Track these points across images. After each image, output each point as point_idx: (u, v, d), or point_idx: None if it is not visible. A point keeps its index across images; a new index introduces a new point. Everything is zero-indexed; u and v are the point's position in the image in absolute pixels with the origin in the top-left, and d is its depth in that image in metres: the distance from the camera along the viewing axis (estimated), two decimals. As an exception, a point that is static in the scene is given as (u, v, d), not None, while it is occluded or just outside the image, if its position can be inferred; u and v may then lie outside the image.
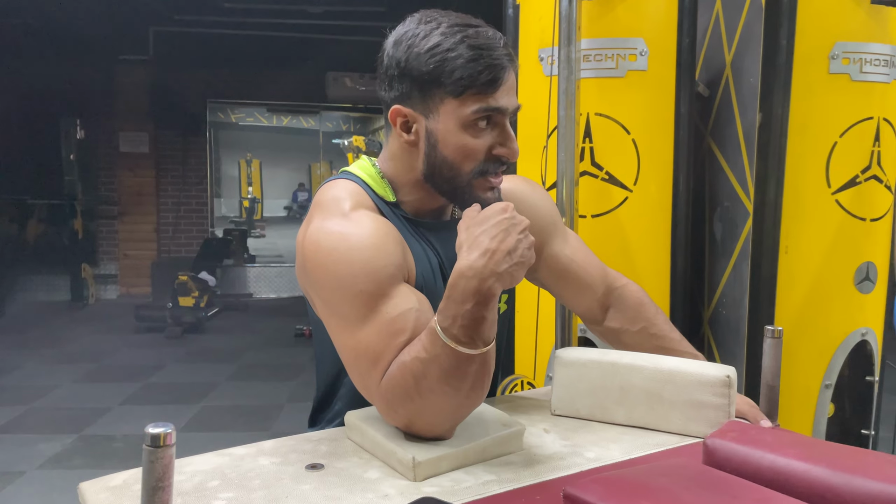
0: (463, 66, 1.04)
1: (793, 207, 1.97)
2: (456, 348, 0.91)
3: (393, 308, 0.99)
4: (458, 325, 0.91)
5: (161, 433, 0.63)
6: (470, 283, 0.91)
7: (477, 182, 1.09)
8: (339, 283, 1.01)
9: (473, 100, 1.05)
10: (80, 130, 7.69)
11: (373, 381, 0.98)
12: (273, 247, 12.59)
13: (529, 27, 2.12)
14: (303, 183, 18.23)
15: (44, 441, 3.89)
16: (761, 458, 0.81)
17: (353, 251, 1.01)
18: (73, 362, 5.49)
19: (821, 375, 2.04)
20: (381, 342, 0.98)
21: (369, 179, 1.16)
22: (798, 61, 1.94)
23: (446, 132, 1.08)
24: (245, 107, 13.21)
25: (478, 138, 1.07)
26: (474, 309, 0.91)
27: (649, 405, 1.08)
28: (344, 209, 1.07)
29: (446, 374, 0.92)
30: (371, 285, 0.99)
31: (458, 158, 1.08)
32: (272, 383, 5.07)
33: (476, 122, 1.06)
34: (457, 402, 0.96)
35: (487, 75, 1.04)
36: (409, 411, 0.96)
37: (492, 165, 1.09)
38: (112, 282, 8.25)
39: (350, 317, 1.00)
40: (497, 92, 1.06)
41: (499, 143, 1.08)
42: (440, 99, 1.07)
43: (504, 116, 1.08)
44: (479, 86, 1.05)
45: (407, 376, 0.94)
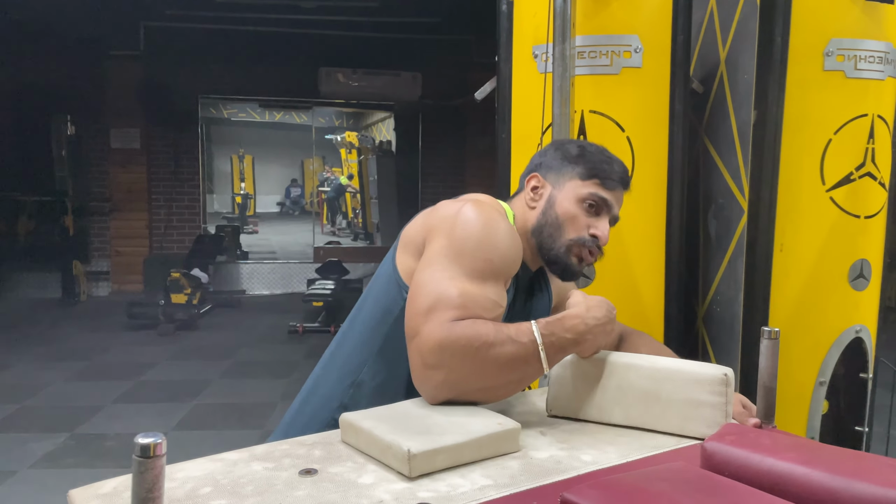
0: (597, 162, 1.35)
1: (787, 205, 1.97)
2: (539, 348, 1.09)
3: (494, 293, 1.17)
4: (550, 339, 1.10)
5: (151, 443, 0.61)
6: (580, 325, 1.13)
7: (575, 249, 1.32)
8: (479, 244, 1.18)
9: (593, 186, 1.33)
10: (71, 127, 7.65)
11: (439, 317, 1.09)
12: (266, 243, 12.57)
13: (523, 24, 2.11)
14: (295, 179, 18.19)
15: (36, 440, 3.87)
16: (760, 461, 0.80)
17: (503, 234, 1.23)
18: (64, 360, 5.46)
19: (815, 372, 2.04)
20: (469, 302, 1.12)
21: (508, 213, 1.37)
22: (793, 58, 1.93)
23: (564, 199, 1.34)
24: (237, 102, 13.18)
25: (584, 216, 1.33)
26: (568, 341, 1.12)
27: (646, 405, 1.07)
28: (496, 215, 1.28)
29: (513, 359, 1.08)
30: (498, 264, 1.20)
31: (565, 220, 1.33)
32: (265, 381, 5.06)
33: (587, 203, 1.32)
34: (492, 384, 1.10)
35: (610, 175, 1.34)
36: (457, 359, 1.07)
37: (589, 241, 1.32)
38: (104, 279, 8.21)
39: (465, 267, 1.16)
40: (610, 192, 1.34)
41: (596, 225, 1.32)
42: (570, 177, 1.35)
43: (607, 211, 1.34)
44: (601, 178, 1.33)
45: (480, 335, 1.07)
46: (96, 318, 6.97)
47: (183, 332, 6.43)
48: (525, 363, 1.09)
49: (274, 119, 16.09)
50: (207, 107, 10.50)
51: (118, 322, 6.58)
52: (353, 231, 14.01)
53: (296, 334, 6.36)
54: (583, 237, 1.32)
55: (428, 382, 1.09)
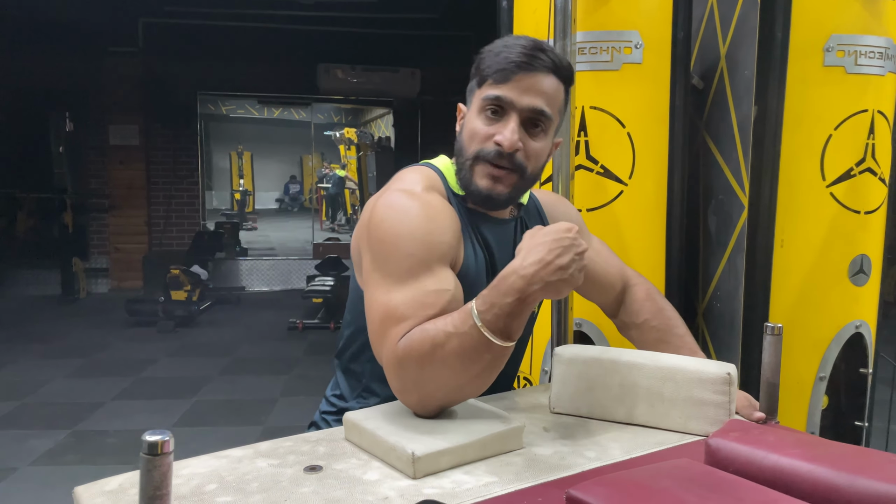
0: (489, 58, 1.17)
1: (787, 200, 1.97)
2: (482, 331, 0.96)
3: (433, 283, 1.06)
4: (492, 313, 0.96)
5: (158, 441, 0.62)
6: (518, 281, 0.97)
7: (476, 167, 1.17)
8: (396, 242, 1.08)
9: (487, 88, 1.16)
10: (70, 123, 7.63)
11: (390, 339, 1.02)
12: (265, 239, 12.55)
13: (524, 20, 2.10)
14: (294, 175, 18.17)
15: (36, 437, 3.87)
16: (764, 458, 0.81)
17: (418, 219, 1.10)
18: (64, 357, 5.46)
19: (815, 367, 2.04)
20: (411, 308, 1.03)
21: (445, 171, 1.26)
22: (793, 54, 1.93)
23: (469, 119, 1.21)
24: (236, 99, 13.15)
25: (485, 125, 1.16)
26: (513, 304, 0.96)
27: (649, 403, 1.08)
28: (416, 189, 1.17)
29: (464, 352, 0.97)
30: (422, 253, 1.07)
31: (466, 140, 1.19)
32: (265, 377, 5.06)
33: (486, 110, 1.16)
34: (461, 383, 1.01)
35: (502, 66, 1.14)
36: (415, 376, 1.00)
37: (490, 152, 1.15)
38: (103, 276, 8.20)
39: (393, 275, 1.07)
40: (508, 84, 1.14)
41: (499, 131, 1.15)
42: (473, 91, 1.21)
43: (515, 111, 1.14)
44: (493, 75, 1.15)
45: (426, 342, 0.98)
46: (96, 315, 6.97)
47: (182, 328, 6.42)
48: (477, 351, 0.97)
49: (273, 115, 16.07)
50: (206, 103, 10.47)
51: (118, 319, 6.57)
52: (352, 227, 14.01)
53: (295, 331, 6.36)
54: (481, 149, 1.16)
55: (409, 403, 1.04)
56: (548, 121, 1.17)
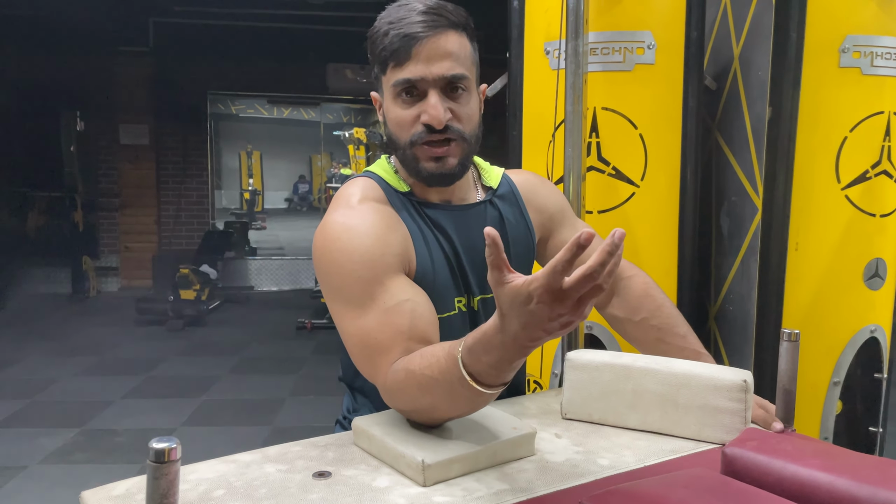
0: (379, 41, 1.11)
1: (802, 203, 1.95)
2: (472, 385, 0.86)
3: (390, 298, 1.03)
4: (476, 369, 0.86)
5: (166, 448, 0.61)
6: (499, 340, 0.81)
7: (417, 151, 1.12)
8: (340, 270, 1.05)
9: (393, 73, 1.11)
10: (80, 122, 7.66)
11: (379, 371, 1.01)
12: (274, 239, 12.58)
13: (535, 20, 2.09)
14: (303, 175, 18.19)
15: (46, 435, 3.88)
16: (783, 468, 0.79)
17: (354, 240, 1.06)
18: (74, 355, 5.48)
19: (829, 372, 2.02)
20: (383, 332, 1.01)
21: (384, 174, 1.21)
22: (808, 55, 1.91)
23: (387, 108, 1.15)
24: (245, 98, 13.17)
25: (406, 109, 1.11)
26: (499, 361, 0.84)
27: (663, 410, 1.06)
28: (352, 202, 1.13)
29: (452, 398, 0.91)
30: (367, 272, 1.04)
31: (395, 130, 1.14)
32: (274, 377, 5.06)
33: (400, 95, 1.11)
34: (454, 414, 0.98)
35: (396, 46, 1.08)
36: (408, 409, 1.00)
37: (421, 134, 1.11)
38: (113, 274, 8.23)
39: (350, 302, 1.04)
40: (410, 62, 1.08)
41: (423, 110, 1.10)
42: (379, 78, 1.15)
43: (430, 85, 1.09)
44: (391, 57, 1.09)
45: (412, 385, 0.95)
46: (106, 314, 6.99)
47: (192, 327, 6.43)
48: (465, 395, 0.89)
49: (282, 115, 16.10)
50: (216, 103, 10.50)
51: (127, 318, 6.59)
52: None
53: (304, 330, 6.36)
54: (412, 134, 1.11)
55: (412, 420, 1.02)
56: (465, 80, 1.11)
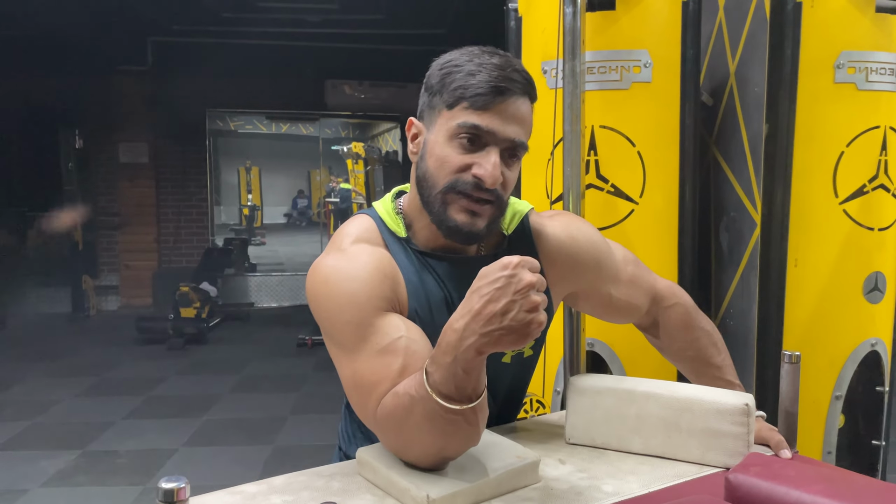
0: (462, 78, 1.02)
1: (800, 218, 1.96)
2: (436, 399, 0.87)
3: (382, 338, 1.00)
4: (439, 375, 0.88)
5: (174, 488, 0.61)
6: (451, 336, 0.87)
7: (450, 198, 1.04)
8: (329, 314, 1.04)
9: (463, 113, 1.02)
10: (80, 141, 7.68)
11: (369, 408, 0.99)
12: (274, 254, 12.58)
13: (532, 39, 2.11)
14: (302, 190, 18.20)
15: (47, 458, 3.86)
16: (786, 494, 0.79)
17: (341, 283, 1.03)
18: (74, 375, 5.47)
19: (831, 386, 2.02)
20: (376, 372, 0.99)
21: (385, 215, 1.16)
22: (803, 71, 1.92)
23: (434, 143, 1.06)
24: (244, 115, 13.20)
25: (458, 154, 1.03)
26: (453, 364, 0.86)
27: (666, 434, 1.06)
28: (345, 244, 1.10)
29: (430, 417, 0.90)
30: (356, 316, 1.01)
31: (434, 168, 1.05)
32: (275, 395, 5.05)
33: (460, 137, 1.03)
34: (441, 444, 0.95)
35: (482, 90, 1.00)
36: (399, 442, 0.98)
37: (467, 184, 1.03)
38: (113, 293, 8.23)
39: (343, 346, 1.03)
40: (489, 112, 1.01)
41: (478, 162, 1.03)
42: (438, 110, 1.06)
43: (495, 142, 1.02)
44: (470, 99, 1.01)
45: (398, 408, 0.94)
46: (106, 333, 6.98)
47: (192, 346, 6.43)
48: (440, 415, 0.88)
49: (280, 131, 16.14)
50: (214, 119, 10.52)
51: (128, 337, 6.58)
52: (360, 241, 13.98)
53: (305, 347, 6.35)
54: (457, 179, 1.03)
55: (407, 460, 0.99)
56: (523, 150, 1.06)
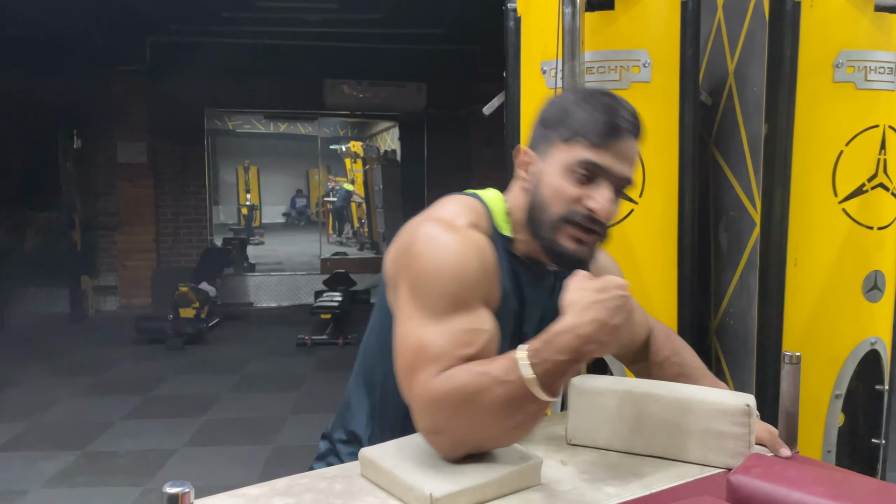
0: (582, 116, 1.10)
1: (800, 217, 1.96)
2: (530, 385, 0.94)
3: (470, 322, 1.03)
4: (543, 368, 0.94)
5: (179, 493, 0.62)
6: (573, 341, 0.94)
7: (562, 228, 1.12)
8: (434, 277, 1.05)
9: (581, 149, 1.09)
10: (78, 141, 7.67)
11: (424, 376, 0.99)
12: (272, 254, 12.57)
13: (531, 39, 2.11)
14: (301, 189, 18.20)
15: (47, 458, 3.87)
16: (787, 495, 0.79)
17: (457, 256, 1.06)
18: (74, 376, 5.47)
19: (831, 385, 2.02)
20: (447, 346, 1.00)
21: (494, 207, 1.20)
22: (802, 70, 1.93)
23: (549, 173, 1.13)
24: (242, 114, 13.19)
25: (574, 186, 1.11)
26: (564, 364, 0.95)
27: (667, 435, 1.06)
28: (458, 223, 1.12)
29: (508, 402, 0.95)
30: (461, 291, 1.04)
31: (549, 197, 1.12)
32: (275, 394, 5.06)
33: (576, 172, 1.10)
34: (496, 432, 0.98)
35: (601, 129, 1.08)
36: (450, 420, 0.98)
37: (580, 215, 1.10)
38: (112, 293, 8.22)
39: (428, 309, 1.04)
40: (605, 150, 1.08)
41: (591, 196, 1.10)
42: (554, 143, 1.13)
43: (608, 178, 1.10)
44: (589, 136, 1.09)
45: (469, 385, 0.96)
46: (105, 334, 6.99)
47: (191, 346, 6.43)
48: (521, 403, 0.95)
49: (279, 130, 16.13)
50: (212, 119, 10.52)
51: (127, 337, 6.59)
52: (359, 241, 14.02)
53: (304, 347, 6.36)
54: (571, 211, 1.10)
55: (436, 445, 1.01)
56: (631, 187, 1.15)
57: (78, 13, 6.16)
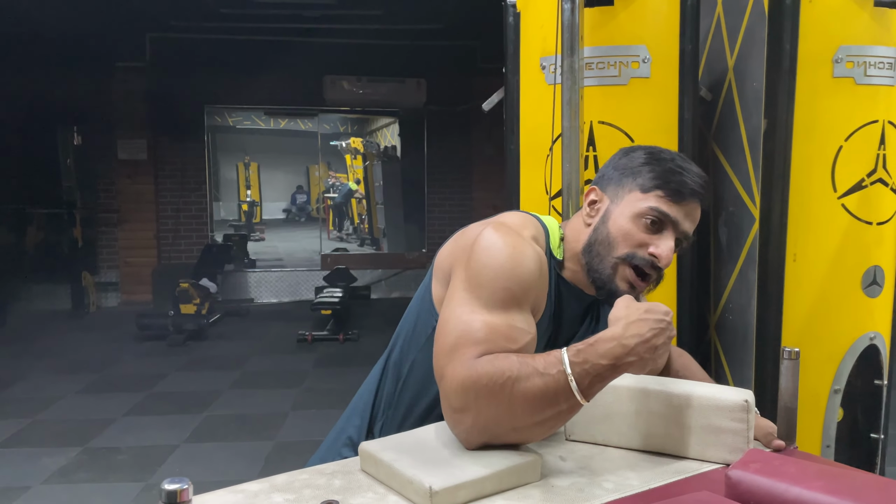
0: (661, 171, 1.20)
1: (799, 212, 1.96)
2: (570, 381, 0.98)
3: (520, 321, 1.09)
4: (583, 368, 0.98)
5: (177, 489, 0.62)
6: (616, 349, 0.99)
7: (622, 268, 1.19)
8: (495, 271, 1.10)
9: (655, 199, 1.19)
10: (78, 138, 7.67)
11: (466, 354, 1.03)
12: (273, 250, 12.59)
13: (530, 35, 2.11)
14: (301, 185, 18.21)
15: (48, 455, 3.88)
16: (786, 490, 0.80)
17: (519, 258, 1.12)
18: (75, 372, 5.48)
19: (830, 380, 2.03)
20: (492, 335, 1.05)
21: (551, 230, 1.28)
22: (802, 65, 1.93)
23: (619, 215, 1.21)
24: (242, 110, 13.19)
25: (641, 231, 1.19)
26: (606, 368, 0.99)
27: (666, 431, 1.07)
28: (524, 234, 1.20)
29: (543, 394, 0.98)
30: (517, 290, 1.10)
31: (616, 236, 1.20)
32: (276, 391, 5.06)
33: (646, 219, 1.18)
34: (522, 424, 1.00)
35: (676, 186, 1.18)
36: (480, 403, 1.00)
37: (643, 259, 1.18)
38: (113, 289, 8.24)
39: (482, 299, 1.08)
40: (677, 205, 1.18)
41: (655, 243, 1.18)
42: (629, 189, 1.22)
43: (672, 230, 1.19)
44: (665, 189, 1.18)
45: (510, 370, 0.99)
46: (106, 330, 7.00)
47: (192, 342, 6.44)
48: (556, 398, 0.98)
49: (279, 126, 16.13)
50: (212, 115, 10.52)
51: (128, 333, 6.60)
52: (359, 237, 14.04)
53: (305, 343, 6.36)
54: (634, 253, 1.18)
55: (458, 427, 1.02)
56: (689, 244, 1.24)
57: (78, 9, 6.15)
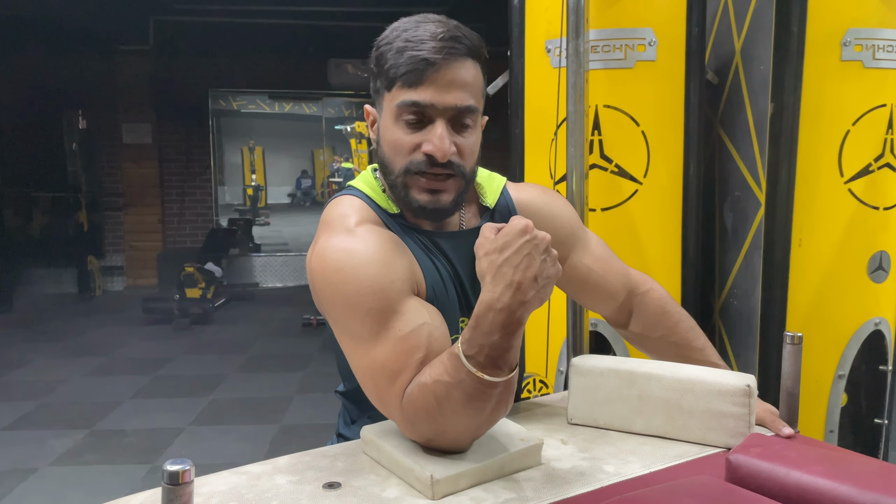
0: (392, 56, 1.03)
1: (805, 197, 1.95)
2: (481, 376, 0.88)
3: (405, 325, 0.97)
4: (484, 355, 0.88)
5: (179, 470, 0.62)
6: (498, 316, 0.88)
7: (410, 181, 1.05)
8: (348, 302, 0.98)
9: (400, 93, 1.02)
10: (83, 122, 7.67)
11: (392, 399, 0.96)
12: (278, 235, 12.60)
13: (535, 18, 2.09)
14: (306, 170, 18.20)
15: (55, 437, 3.90)
16: (786, 475, 0.80)
17: (360, 268, 0.98)
18: (82, 356, 5.51)
19: (834, 365, 2.03)
20: (398, 360, 0.95)
21: (372, 192, 1.13)
22: (810, 49, 1.91)
23: (384, 128, 1.07)
24: (247, 94, 13.16)
25: (407, 134, 1.03)
26: (502, 340, 0.88)
27: (668, 415, 1.07)
28: (348, 225, 1.04)
29: (470, 398, 0.90)
30: (380, 303, 0.97)
31: (390, 154, 1.06)
32: (281, 374, 5.08)
33: (404, 117, 1.03)
34: (480, 422, 0.95)
35: (410, 66, 1.00)
36: (432, 430, 0.95)
37: (420, 163, 1.03)
38: (118, 273, 8.25)
39: (362, 335, 0.98)
40: (423, 86, 1.00)
41: (427, 139, 1.02)
42: (381, 93, 1.06)
43: (437, 114, 1.02)
44: (402, 77, 1.01)
45: (429, 398, 0.92)
46: (112, 314, 7.01)
47: (198, 326, 6.45)
48: (482, 394, 0.89)
49: (284, 110, 16.10)
50: (217, 99, 10.49)
51: (134, 317, 6.61)
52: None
53: (310, 327, 6.37)
54: (411, 161, 1.03)
55: (427, 445, 0.97)
56: (475, 114, 1.05)
57: (81, -7, 6.13)
